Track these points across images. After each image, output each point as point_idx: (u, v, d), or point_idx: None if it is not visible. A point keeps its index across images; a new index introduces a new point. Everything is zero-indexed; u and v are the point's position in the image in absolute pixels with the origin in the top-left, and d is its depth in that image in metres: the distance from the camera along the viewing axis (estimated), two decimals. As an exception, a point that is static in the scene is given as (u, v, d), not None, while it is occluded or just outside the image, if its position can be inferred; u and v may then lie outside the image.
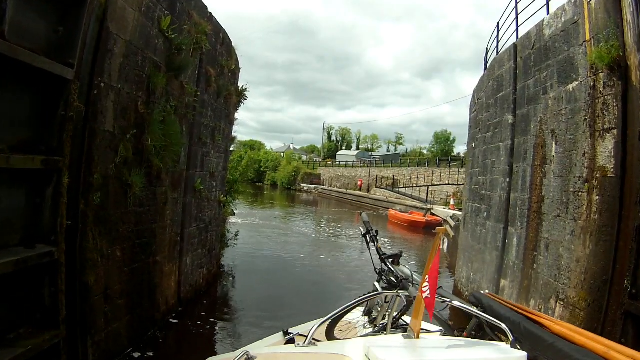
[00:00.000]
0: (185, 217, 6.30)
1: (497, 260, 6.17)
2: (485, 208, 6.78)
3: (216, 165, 7.37)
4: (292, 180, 49.23)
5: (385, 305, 2.28)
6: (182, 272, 6.49)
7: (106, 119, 4.20)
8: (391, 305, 2.15)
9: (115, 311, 4.69)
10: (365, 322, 2.44)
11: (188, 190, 6.28)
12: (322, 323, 1.95)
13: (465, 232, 7.93)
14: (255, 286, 8.31)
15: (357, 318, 2.51)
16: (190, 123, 6.11)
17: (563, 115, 4.92)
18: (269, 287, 8.24)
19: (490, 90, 7.17)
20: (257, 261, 10.49)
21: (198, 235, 6.95)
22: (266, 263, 10.45)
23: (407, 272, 2.23)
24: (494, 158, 6.63)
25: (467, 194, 8.18)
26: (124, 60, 4.41)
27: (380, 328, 2.24)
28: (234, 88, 7.98)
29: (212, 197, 7.36)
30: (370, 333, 2.25)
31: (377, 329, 2.28)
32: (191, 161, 6.29)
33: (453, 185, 26.78)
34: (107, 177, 4.25)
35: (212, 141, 7.04)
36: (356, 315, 2.51)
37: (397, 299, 2.10)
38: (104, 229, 4.30)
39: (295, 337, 2.03)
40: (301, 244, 13.75)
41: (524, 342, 1.82)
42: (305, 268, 10.13)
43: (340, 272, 10.05)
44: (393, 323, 2.15)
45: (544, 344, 1.78)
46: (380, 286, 2.27)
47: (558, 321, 2.05)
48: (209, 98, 6.77)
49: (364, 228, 2.58)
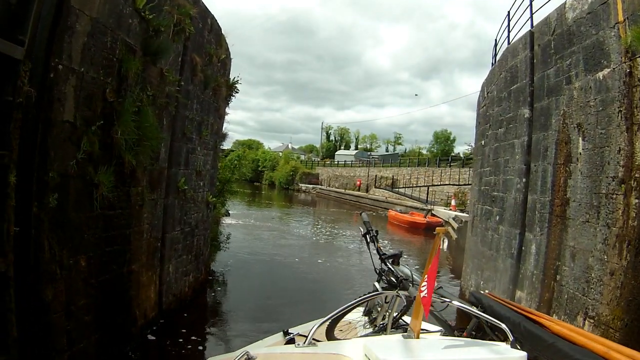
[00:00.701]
0: (167, 220, 5.69)
1: (512, 269, 5.58)
2: (497, 211, 6.20)
3: (203, 162, 6.76)
4: (290, 179, 48.64)
5: (385, 305, 2.28)
6: (163, 281, 5.88)
7: (65, 107, 3.59)
8: (391, 305, 2.16)
9: (81, 329, 4.09)
10: (365, 322, 2.45)
11: (170, 190, 5.67)
12: (322, 323, 1.95)
13: (473, 237, 7.34)
14: (246, 294, 7.71)
15: (357, 318, 2.51)
16: (172, 116, 5.50)
17: (592, 107, 4.33)
18: (261, 295, 7.63)
19: (502, 82, 6.58)
20: (250, 266, 9.87)
21: (182, 240, 6.33)
22: (260, 268, 9.83)
23: (407, 272, 2.22)
24: (508, 156, 6.04)
25: (475, 195, 7.58)
26: (88, 40, 3.81)
27: (380, 328, 2.25)
28: (223, 80, 7.37)
29: (198, 197, 6.75)
30: (370, 333, 2.25)
31: (377, 329, 2.28)
32: (173, 158, 5.68)
33: (454, 186, 26.22)
34: (67, 175, 3.65)
35: (198, 137, 6.43)
36: (356, 315, 2.51)
37: (397, 299, 2.12)
38: (63, 236, 3.69)
39: (295, 337, 2.03)
40: (298, 247, 13.14)
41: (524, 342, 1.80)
42: (302, 274, 9.51)
43: (340, 278, 9.46)
44: (393, 323, 2.17)
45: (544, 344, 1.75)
46: (380, 286, 2.27)
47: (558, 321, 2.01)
48: (194, 89, 6.16)
49: (364, 228, 2.56)
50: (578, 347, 1.72)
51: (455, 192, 24.92)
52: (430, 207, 22.41)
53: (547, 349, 1.76)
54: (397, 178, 35.53)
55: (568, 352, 1.68)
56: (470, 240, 7.63)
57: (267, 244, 13.02)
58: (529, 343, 1.83)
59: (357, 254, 12.31)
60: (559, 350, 1.71)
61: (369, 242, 2.51)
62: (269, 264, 10.24)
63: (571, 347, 1.72)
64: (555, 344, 1.76)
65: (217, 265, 9.55)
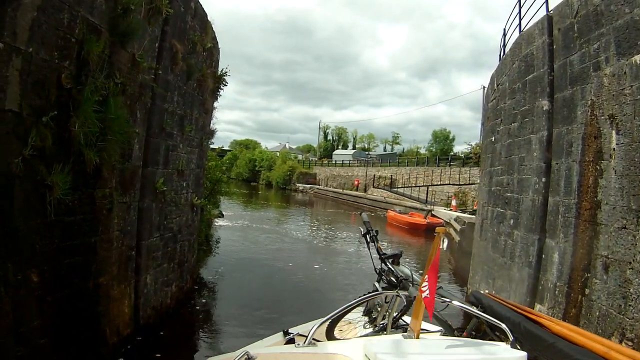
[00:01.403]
0: (143, 225, 5.08)
1: (530, 280, 5.00)
2: (511, 214, 5.62)
3: (187, 161, 6.15)
4: (287, 179, 48.02)
5: (385, 305, 2.27)
6: (140, 294, 5.27)
7: (7, 93, 2.99)
8: (391, 305, 2.15)
9: (36, 354, 3.49)
10: (365, 322, 2.42)
11: (146, 192, 5.06)
12: (322, 323, 1.95)
13: (482, 241, 6.76)
14: (235, 305, 7.10)
15: (357, 318, 2.49)
16: (147, 108, 4.89)
17: (627, 96, 3.74)
18: (252, 305, 7.01)
19: (515, 72, 6.00)
20: (241, 271, 9.25)
21: (162, 247, 5.72)
22: (252, 274, 9.21)
23: (407, 272, 2.21)
24: (523, 153, 5.45)
25: (484, 196, 6.99)
26: (39, 15, 3.20)
27: (380, 328, 2.24)
28: (210, 71, 6.76)
29: (181, 200, 6.13)
30: (370, 333, 2.25)
31: (377, 329, 2.27)
32: (150, 156, 5.07)
33: (454, 186, 25.68)
34: (11, 175, 3.05)
35: (180, 132, 5.82)
36: (356, 315, 2.49)
37: (397, 299, 2.11)
38: (8, 248, 3.09)
39: (295, 337, 2.02)
40: (293, 250, 12.51)
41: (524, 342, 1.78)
42: (297, 281, 8.87)
43: (338, 286, 8.85)
44: (393, 323, 2.16)
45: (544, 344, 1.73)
46: (380, 286, 2.26)
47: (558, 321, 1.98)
48: (175, 79, 5.55)
49: (364, 228, 2.51)
50: (578, 347, 1.69)
51: (455, 192, 24.38)
52: (430, 208, 21.85)
53: (547, 349, 1.74)
54: (395, 178, 34.95)
55: (568, 352, 1.65)
56: (479, 244, 7.05)
57: (261, 248, 12.40)
58: (529, 343, 1.80)
59: (355, 258, 11.71)
60: (559, 350, 1.69)
61: (368, 242, 2.46)
62: (262, 270, 9.63)
63: (571, 347, 1.70)
64: (555, 344, 1.73)
65: (206, 271, 8.95)
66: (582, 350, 1.69)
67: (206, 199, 10.46)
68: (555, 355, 1.71)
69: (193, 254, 7.17)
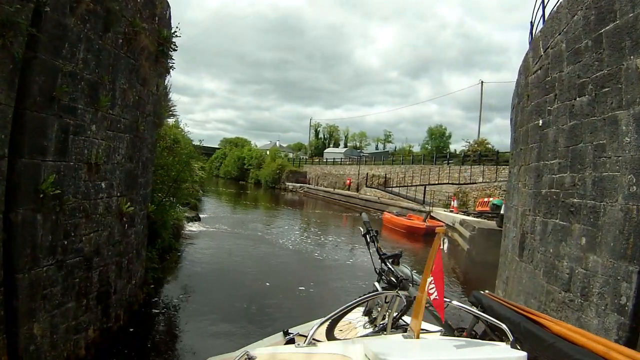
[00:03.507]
0: (18, 249, 3.18)
1: (622, 332, 3.22)
2: (582, 229, 3.82)
3: (107, 151, 4.24)
4: (276, 178, 46.08)
5: (385, 305, 2.24)
6: (22, 353, 3.39)
7: None
8: (391, 305, 2.15)
9: None
10: (365, 322, 2.38)
11: (19, 196, 3.17)
12: (322, 323, 1.95)
13: (526, 264, 4.94)
14: (182, 348, 5.21)
15: (357, 318, 2.45)
16: (16, 62, 2.99)
17: None
18: (205, 347, 5.11)
19: (579, 26, 4.21)
20: (205, 295, 7.31)
21: (64, 279, 3.81)
22: (219, 298, 7.25)
23: (407, 272, 2.21)
24: (602, 139, 3.67)
25: (527, 201, 5.12)
26: None
27: (380, 328, 2.21)
28: (148, 26, 4.85)
29: (98, 207, 4.22)
30: (370, 333, 2.22)
31: (377, 329, 2.24)
32: (26, 139, 3.17)
33: (453, 185, 23.98)
34: None
35: (92, 107, 3.91)
36: (356, 315, 2.45)
37: (397, 299, 2.11)
38: None
39: (296, 337, 2.04)
40: (276, 264, 10.46)
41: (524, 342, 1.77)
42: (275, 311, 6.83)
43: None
44: (393, 323, 2.15)
45: (544, 344, 1.72)
46: (380, 286, 2.24)
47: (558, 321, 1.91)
48: (78, 27, 3.64)
49: (364, 228, 2.50)
50: (578, 347, 1.66)
51: (455, 192, 22.67)
52: (429, 209, 20.11)
53: (547, 349, 1.70)
54: (390, 176, 33.21)
55: (568, 352, 1.63)
56: (519, 267, 5.21)
57: (236, 260, 10.40)
58: (529, 343, 1.76)
59: (350, 274, 9.76)
60: (559, 350, 1.66)
61: (368, 242, 2.45)
62: (233, 292, 7.70)
63: (571, 347, 1.67)
64: (555, 344, 1.70)
65: (163, 293, 7.06)
66: (582, 350, 1.63)
67: (166, 202, 8.58)
68: (555, 355, 1.65)
69: (129, 280, 5.26)
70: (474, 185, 22.33)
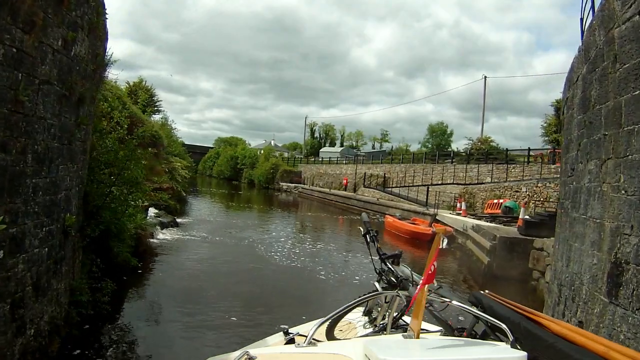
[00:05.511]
0: None
1: None
2: None
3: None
4: (270, 178, 44.29)
5: (385, 305, 2.24)
6: None
7: None
8: (391, 305, 2.14)
9: None
10: (365, 322, 2.38)
11: None
12: (322, 323, 1.94)
13: (624, 310, 3.11)
14: None
15: (357, 318, 2.45)
16: None
17: None
18: None
19: None
20: (152, 344, 5.53)
21: None
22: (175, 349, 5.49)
23: (407, 272, 2.19)
24: None
25: (625, 211, 3.18)
26: None
27: (380, 328, 2.21)
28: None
29: None
30: (370, 333, 2.22)
31: (377, 329, 2.24)
32: None
33: (459, 185, 22.26)
34: None
35: None
36: (356, 315, 2.45)
37: (397, 299, 2.10)
38: None
39: (296, 337, 2.01)
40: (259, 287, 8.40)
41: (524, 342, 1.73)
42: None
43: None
44: (393, 323, 2.14)
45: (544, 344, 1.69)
46: (380, 286, 2.23)
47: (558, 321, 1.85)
48: None
49: (364, 228, 2.42)
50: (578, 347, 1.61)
51: (461, 192, 20.92)
52: (433, 212, 18.38)
53: (547, 349, 1.66)
54: (389, 176, 31.51)
55: (568, 352, 1.58)
56: (608, 312, 3.31)
57: (208, 280, 8.48)
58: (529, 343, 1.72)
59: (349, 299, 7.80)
60: (559, 350, 1.61)
61: (368, 242, 2.38)
62: (198, 337, 5.91)
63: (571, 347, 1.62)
64: (555, 344, 1.65)
65: (91, 341, 5.18)
66: (582, 350, 1.58)
67: (117, 207, 6.78)
68: (555, 355, 1.61)
69: (20, 333, 3.46)
70: (482, 185, 20.63)
